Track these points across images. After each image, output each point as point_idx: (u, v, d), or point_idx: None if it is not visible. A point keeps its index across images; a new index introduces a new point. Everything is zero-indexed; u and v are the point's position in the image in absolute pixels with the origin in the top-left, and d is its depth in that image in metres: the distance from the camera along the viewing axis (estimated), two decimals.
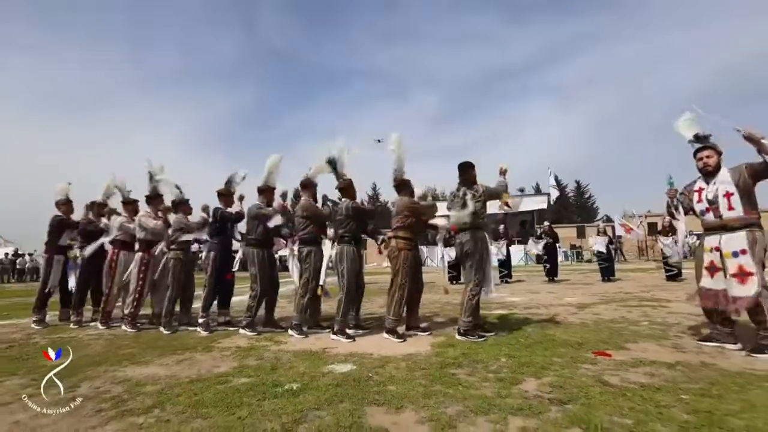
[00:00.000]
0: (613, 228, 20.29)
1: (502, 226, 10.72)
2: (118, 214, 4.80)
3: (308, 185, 4.00)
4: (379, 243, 3.87)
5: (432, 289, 7.37)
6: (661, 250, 9.61)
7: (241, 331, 3.89)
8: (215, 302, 4.37)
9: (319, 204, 4.07)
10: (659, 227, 10.18)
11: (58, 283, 4.75)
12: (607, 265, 9.45)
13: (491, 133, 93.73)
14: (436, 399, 2.06)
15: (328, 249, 3.88)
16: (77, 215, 4.96)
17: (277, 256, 4.57)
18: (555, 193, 24.10)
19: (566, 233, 26.24)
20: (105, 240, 4.64)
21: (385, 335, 3.57)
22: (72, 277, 4.74)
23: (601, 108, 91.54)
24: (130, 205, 4.67)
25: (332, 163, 3.87)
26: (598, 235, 10.21)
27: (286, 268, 4.36)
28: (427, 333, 3.70)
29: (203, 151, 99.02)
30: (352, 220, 3.70)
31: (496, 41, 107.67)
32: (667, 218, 9.70)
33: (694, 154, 3.09)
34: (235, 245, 4.41)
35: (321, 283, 3.78)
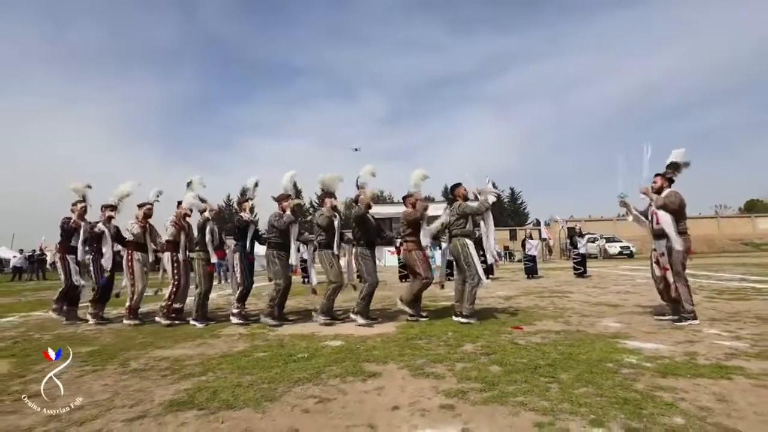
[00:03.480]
0: (540, 231, 22.92)
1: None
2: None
3: (325, 196, 4.80)
4: (396, 247, 4.90)
5: (384, 287, 8.41)
6: (570, 251, 11.57)
7: (263, 319, 4.55)
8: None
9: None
10: (576, 230, 12.18)
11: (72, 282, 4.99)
12: (531, 265, 11.19)
13: (434, 137, 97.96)
14: (408, 356, 3.07)
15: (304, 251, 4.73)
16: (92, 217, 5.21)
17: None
18: (492, 199, 26.51)
19: (500, 236, 28.87)
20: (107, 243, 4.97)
21: (410, 319, 4.52)
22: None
23: (533, 118, 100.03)
24: (143, 208, 5.07)
25: (357, 179, 4.79)
26: (524, 240, 11.97)
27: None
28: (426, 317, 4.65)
29: (133, 140, 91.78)
30: (357, 227, 4.61)
31: (440, 49, 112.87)
32: (577, 224, 11.74)
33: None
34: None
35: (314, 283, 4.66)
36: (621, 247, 22.88)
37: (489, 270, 11.21)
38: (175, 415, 2.08)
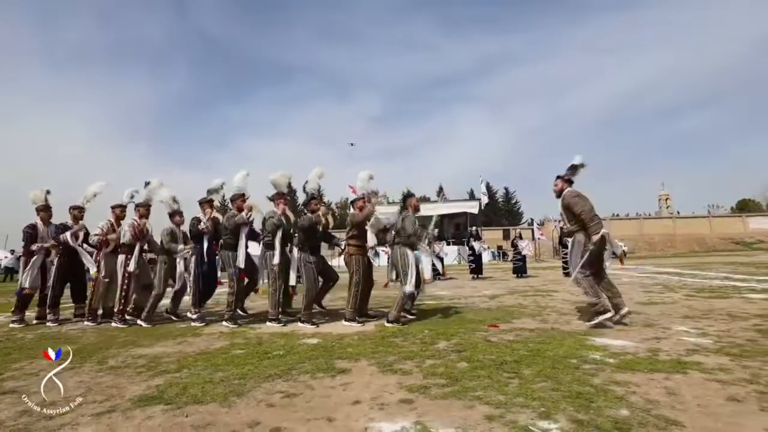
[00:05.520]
0: (533, 231, 23.03)
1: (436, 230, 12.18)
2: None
3: (276, 197, 4.71)
4: (339, 252, 4.88)
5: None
6: (562, 250, 11.68)
7: (224, 323, 4.49)
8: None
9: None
10: (565, 230, 12.29)
11: (39, 284, 5.07)
12: (520, 264, 11.29)
13: (429, 137, 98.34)
14: (380, 354, 3.14)
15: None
16: (59, 219, 5.30)
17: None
18: (485, 199, 26.75)
19: (494, 235, 29.01)
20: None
21: (345, 323, 4.41)
22: (49, 278, 5.06)
23: (526, 119, 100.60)
24: (118, 210, 5.15)
25: (305, 185, 4.86)
26: (515, 239, 12.05)
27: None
28: (375, 319, 4.67)
29: (125, 138, 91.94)
30: (302, 233, 4.55)
31: (435, 50, 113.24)
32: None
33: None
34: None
35: (292, 283, 4.62)
36: None
37: (478, 270, 11.32)
38: (143, 410, 2.14)
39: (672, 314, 4.50)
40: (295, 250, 4.63)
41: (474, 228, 12.85)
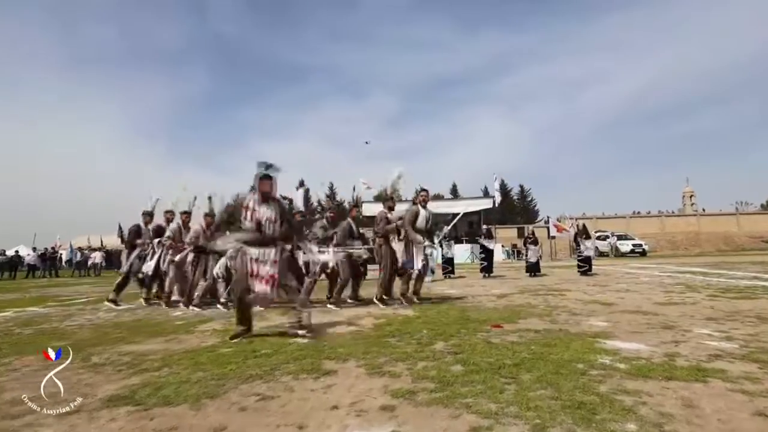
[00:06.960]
0: (548, 229, 22.49)
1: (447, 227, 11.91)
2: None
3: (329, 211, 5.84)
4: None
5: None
6: (577, 249, 11.26)
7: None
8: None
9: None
10: (579, 227, 11.82)
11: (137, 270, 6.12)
12: (533, 263, 10.91)
13: (444, 136, 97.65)
14: (372, 354, 2.96)
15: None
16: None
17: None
18: (499, 197, 26.25)
19: (509, 234, 28.45)
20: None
21: (375, 301, 5.28)
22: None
23: (542, 117, 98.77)
24: (184, 215, 6.00)
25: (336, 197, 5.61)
26: (526, 243, 11.64)
27: None
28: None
29: (140, 139, 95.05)
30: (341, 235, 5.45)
31: (448, 49, 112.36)
32: (581, 221, 11.41)
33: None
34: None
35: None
36: (633, 245, 22.26)
37: (488, 269, 11.01)
38: (109, 411, 2.02)
39: (693, 315, 4.18)
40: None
41: (485, 227, 12.53)
